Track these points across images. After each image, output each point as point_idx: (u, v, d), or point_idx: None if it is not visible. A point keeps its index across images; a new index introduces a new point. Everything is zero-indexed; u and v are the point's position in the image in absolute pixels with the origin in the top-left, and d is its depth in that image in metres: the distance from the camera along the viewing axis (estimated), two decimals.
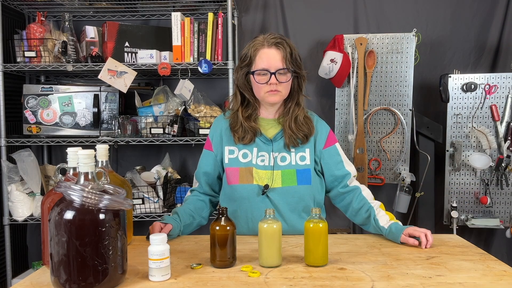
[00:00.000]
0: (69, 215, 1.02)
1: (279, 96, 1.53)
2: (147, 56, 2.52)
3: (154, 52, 2.52)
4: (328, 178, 1.62)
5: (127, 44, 2.57)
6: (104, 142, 2.49)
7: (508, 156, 2.59)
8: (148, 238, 1.35)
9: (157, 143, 2.55)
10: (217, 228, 1.24)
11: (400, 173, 2.67)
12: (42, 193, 2.53)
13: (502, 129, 2.58)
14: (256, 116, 1.60)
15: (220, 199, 1.68)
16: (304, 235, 1.27)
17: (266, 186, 1.52)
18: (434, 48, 2.87)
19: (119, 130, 2.54)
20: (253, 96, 1.58)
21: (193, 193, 1.69)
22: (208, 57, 2.50)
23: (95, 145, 1.33)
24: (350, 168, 1.62)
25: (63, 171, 1.27)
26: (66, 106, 2.56)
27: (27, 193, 2.54)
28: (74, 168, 1.22)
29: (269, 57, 1.50)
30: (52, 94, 2.56)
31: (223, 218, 1.25)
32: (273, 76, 1.49)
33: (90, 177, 1.08)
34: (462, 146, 2.62)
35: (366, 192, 1.59)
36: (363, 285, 1.11)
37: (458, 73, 2.62)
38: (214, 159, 1.62)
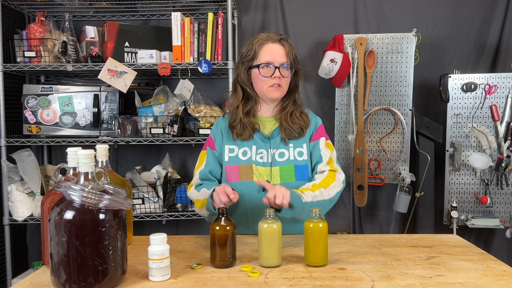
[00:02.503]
0: (69, 215, 1.02)
1: (281, 91, 1.58)
2: (147, 56, 2.52)
3: (154, 52, 2.52)
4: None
5: (127, 44, 2.57)
6: (104, 142, 2.49)
7: (508, 156, 2.59)
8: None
9: (157, 143, 2.55)
10: (217, 228, 1.24)
11: (400, 173, 2.67)
12: (42, 193, 2.53)
13: (502, 129, 2.58)
14: (255, 112, 1.63)
15: None
16: (304, 235, 1.27)
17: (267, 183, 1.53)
18: (434, 48, 2.88)
19: (119, 130, 2.54)
20: (254, 91, 1.61)
21: (205, 182, 1.61)
22: (208, 57, 2.50)
23: (95, 145, 1.33)
24: (323, 164, 1.57)
25: (63, 171, 1.27)
26: (66, 106, 2.56)
27: (27, 193, 2.54)
28: (74, 168, 1.22)
29: (273, 52, 1.55)
30: (52, 94, 2.56)
31: (223, 218, 1.25)
32: (277, 70, 1.54)
33: (90, 177, 1.08)
34: (462, 146, 2.62)
35: (316, 177, 1.56)
36: (363, 285, 1.11)
37: (458, 73, 2.62)
38: (218, 157, 1.63)
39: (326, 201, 1.50)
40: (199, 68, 2.45)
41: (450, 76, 2.62)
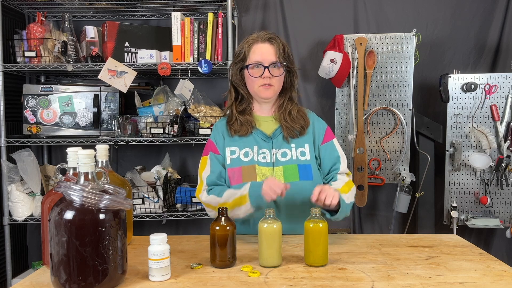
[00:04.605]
0: (69, 215, 1.02)
1: (272, 91, 1.57)
2: (147, 56, 2.52)
3: (154, 52, 2.52)
4: (323, 172, 1.63)
5: (127, 44, 2.57)
6: (104, 142, 2.49)
7: (508, 156, 2.59)
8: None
9: (157, 143, 2.55)
10: (217, 228, 1.24)
11: (400, 173, 2.67)
12: (42, 193, 2.53)
13: (502, 129, 2.58)
14: (250, 110, 1.64)
15: None
16: (304, 235, 1.27)
17: None
18: (434, 48, 2.88)
19: (119, 130, 2.54)
20: (247, 91, 1.62)
21: (214, 187, 1.57)
22: (208, 57, 2.50)
23: (95, 145, 1.33)
24: (344, 166, 1.62)
25: (63, 171, 1.27)
26: (66, 106, 2.56)
27: (27, 193, 2.54)
28: (74, 168, 1.22)
29: (262, 51, 1.56)
30: (52, 94, 2.56)
31: (223, 218, 1.25)
32: (266, 69, 1.54)
33: (90, 177, 1.08)
34: (462, 146, 2.62)
35: (339, 179, 1.57)
36: (363, 285, 1.11)
37: (458, 73, 2.62)
38: (223, 160, 1.60)
39: (349, 205, 1.52)
40: (199, 68, 2.45)
41: (450, 76, 2.62)
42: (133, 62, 2.57)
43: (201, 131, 2.50)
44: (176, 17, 2.49)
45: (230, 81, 1.66)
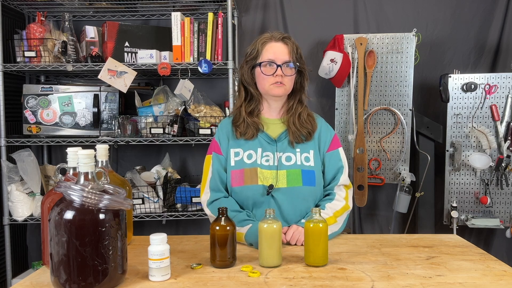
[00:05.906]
0: (69, 215, 1.02)
1: (284, 89, 1.56)
2: (147, 56, 2.52)
3: (154, 52, 2.52)
4: (325, 180, 1.62)
5: (127, 44, 2.57)
6: (104, 142, 2.49)
7: (508, 156, 2.59)
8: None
9: (157, 143, 2.55)
10: (217, 228, 1.24)
11: (400, 173, 2.67)
12: (42, 193, 2.53)
13: (502, 129, 2.58)
14: (259, 111, 1.63)
15: None
16: (304, 235, 1.27)
17: (271, 186, 1.52)
18: (434, 48, 2.88)
19: (119, 130, 2.54)
20: (258, 91, 1.61)
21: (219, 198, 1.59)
22: (208, 57, 2.50)
23: (95, 145, 1.33)
24: (344, 177, 1.61)
25: (63, 171, 1.27)
26: (66, 106, 2.56)
27: (27, 193, 2.54)
28: (74, 168, 1.22)
29: (276, 50, 1.56)
30: (52, 94, 2.56)
31: (223, 218, 1.25)
32: (279, 68, 1.53)
33: (90, 177, 1.08)
34: (462, 146, 2.62)
35: (332, 204, 1.56)
36: (363, 285, 1.11)
37: (458, 73, 2.62)
38: (225, 162, 1.60)
39: (338, 231, 1.56)
40: (199, 68, 2.45)
41: (450, 76, 2.62)
42: (133, 62, 2.57)
43: (201, 131, 2.50)
44: (176, 17, 2.49)
45: (240, 80, 1.63)
